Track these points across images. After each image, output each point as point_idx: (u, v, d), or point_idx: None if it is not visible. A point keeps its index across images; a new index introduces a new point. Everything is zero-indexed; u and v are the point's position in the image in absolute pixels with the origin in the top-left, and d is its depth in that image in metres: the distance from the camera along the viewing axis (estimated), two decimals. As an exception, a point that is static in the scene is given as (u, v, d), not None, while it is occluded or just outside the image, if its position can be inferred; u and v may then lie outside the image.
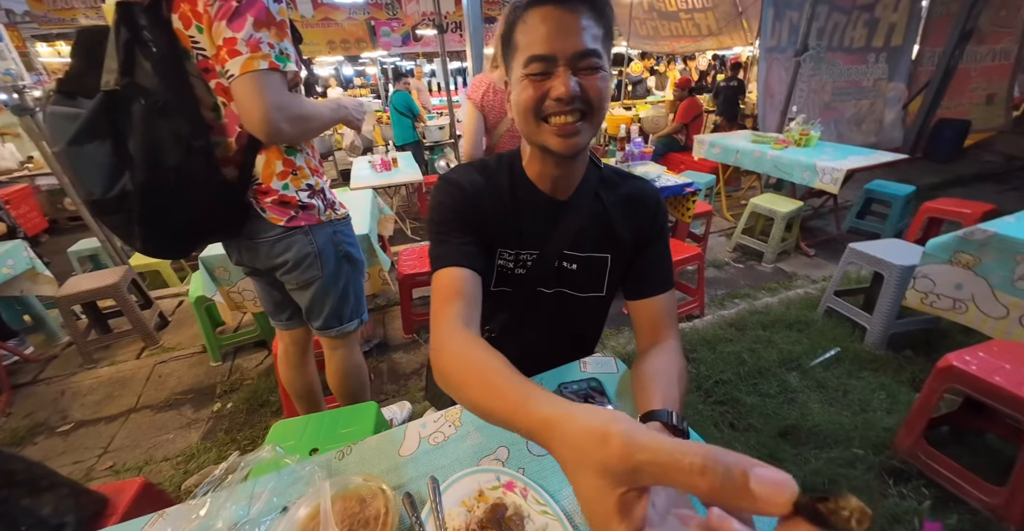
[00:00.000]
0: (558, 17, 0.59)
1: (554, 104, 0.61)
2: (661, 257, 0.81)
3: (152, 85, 0.85)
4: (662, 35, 8.36)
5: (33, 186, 4.88)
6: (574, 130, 0.63)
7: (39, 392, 2.13)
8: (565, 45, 0.59)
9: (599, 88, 0.61)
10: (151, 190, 0.89)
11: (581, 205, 0.77)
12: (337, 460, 0.70)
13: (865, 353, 1.90)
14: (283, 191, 1.05)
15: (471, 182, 0.75)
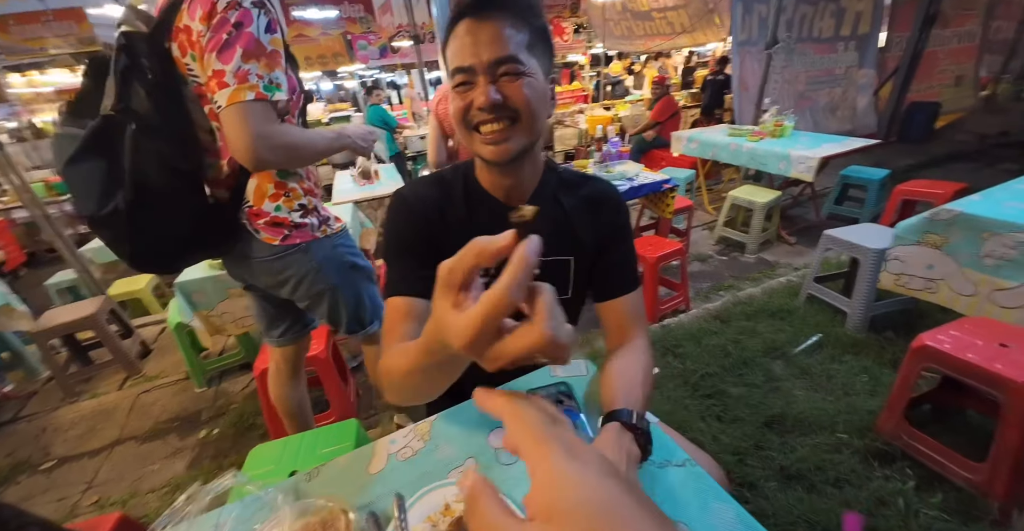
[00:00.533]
0: (474, 28, 0.60)
1: (478, 113, 0.62)
2: (625, 258, 0.82)
3: (144, 110, 0.88)
4: (636, 35, 8.47)
5: (8, 220, 4.81)
6: (503, 137, 0.64)
7: (20, 430, 2.09)
8: (482, 54, 0.60)
9: (523, 93, 0.61)
10: (137, 208, 0.91)
11: (543, 209, 0.77)
12: (305, 482, 0.69)
13: (847, 337, 1.92)
14: (275, 213, 1.08)
15: (422, 196, 0.76)
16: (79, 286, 3.02)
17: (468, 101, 0.62)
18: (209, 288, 1.91)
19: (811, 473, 1.33)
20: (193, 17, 0.88)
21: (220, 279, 1.91)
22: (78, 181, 0.93)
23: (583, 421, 0.72)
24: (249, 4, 0.88)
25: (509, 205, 0.76)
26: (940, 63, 5.58)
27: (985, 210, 1.47)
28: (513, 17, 0.61)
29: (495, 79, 0.61)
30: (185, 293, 1.88)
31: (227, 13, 0.86)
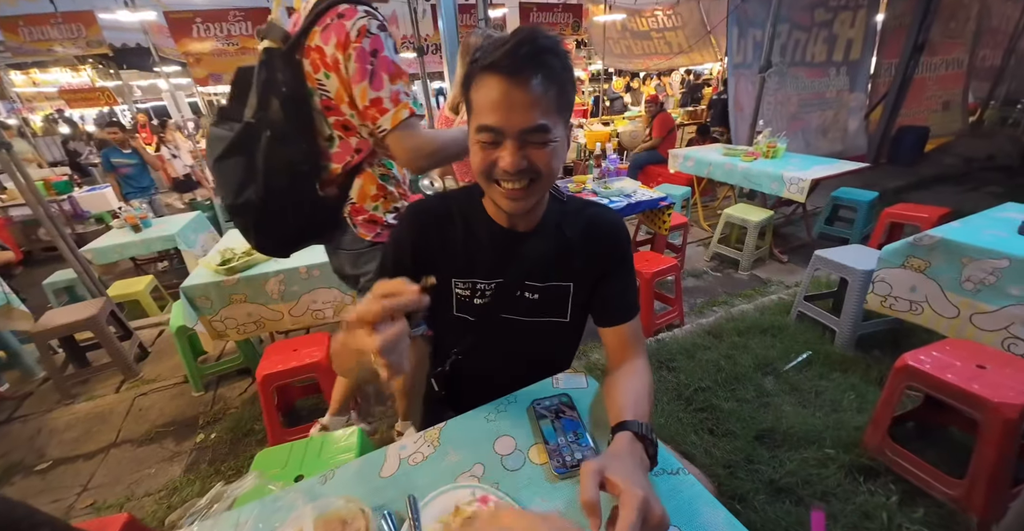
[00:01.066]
0: (507, 89, 0.60)
1: (502, 172, 0.64)
2: (626, 285, 0.85)
3: (277, 119, 1.02)
4: (635, 53, 8.68)
5: (6, 217, 4.80)
6: (522, 195, 0.68)
7: (15, 431, 2.08)
8: (514, 120, 0.61)
9: (547, 160, 0.65)
10: (265, 202, 1.07)
11: (542, 237, 0.80)
12: (320, 484, 0.73)
13: (835, 355, 1.98)
14: (373, 211, 1.20)
15: (428, 213, 0.82)
16: (76, 286, 3.03)
17: (492, 158, 0.64)
18: (213, 293, 1.93)
19: (799, 487, 1.37)
20: (327, 41, 0.99)
21: (224, 285, 1.93)
22: (223, 175, 1.09)
23: (584, 431, 0.76)
24: (376, 29, 0.99)
25: (514, 230, 0.80)
26: (929, 89, 5.78)
27: (964, 236, 1.55)
28: (546, 79, 0.61)
29: (523, 145, 0.63)
30: (189, 297, 1.90)
31: (361, 42, 0.97)
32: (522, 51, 0.59)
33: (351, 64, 0.99)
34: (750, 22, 4.83)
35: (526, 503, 0.65)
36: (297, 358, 1.73)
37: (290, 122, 1.03)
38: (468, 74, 0.66)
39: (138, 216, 3.20)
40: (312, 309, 2.11)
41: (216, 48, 6.90)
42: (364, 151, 1.13)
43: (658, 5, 7.78)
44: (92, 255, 2.94)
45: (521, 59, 0.59)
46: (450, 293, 0.85)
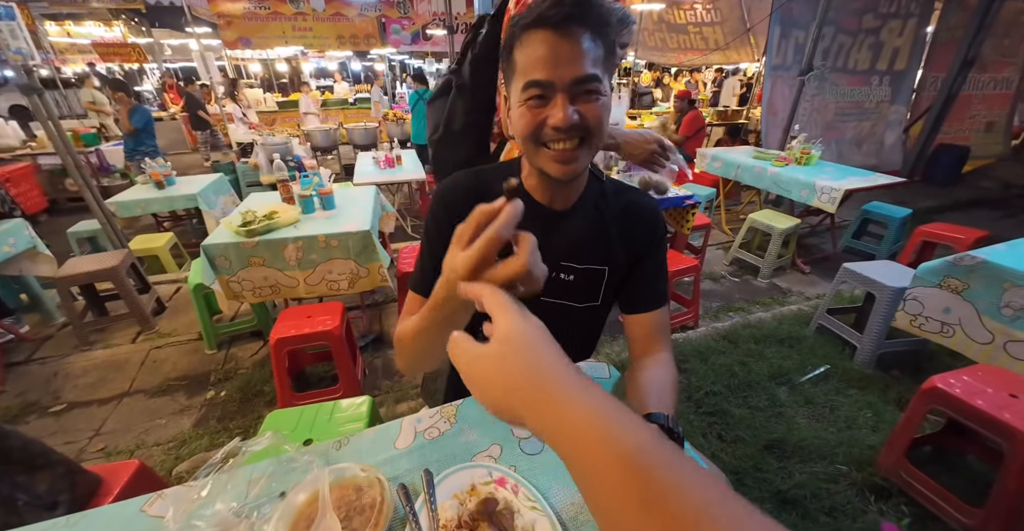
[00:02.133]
0: (555, 42, 0.58)
1: (552, 132, 0.61)
2: (657, 272, 0.82)
3: (466, 74, 1.16)
4: (670, 47, 8.45)
5: (35, 165, 4.88)
6: (573, 156, 0.64)
7: (32, 372, 2.13)
8: (563, 72, 0.58)
9: (598, 113, 0.61)
10: (441, 141, 1.25)
11: (580, 217, 0.78)
12: (334, 450, 0.72)
13: (853, 371, 1.93)
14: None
15: (458, 192, 0.78)
16: (98, 237, 3.07)
17: (542, 117, 0.61)
18: (233, 254, 1.94)
19: (807, 500, 1.34)
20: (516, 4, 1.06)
21: (243, 247, 1.94)
22: (432, 114, 1.28)
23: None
24: None
25: (552, 208, 0.77)
26: (973, 107, 5.54)
27: (1009, 261, 1.48)
28: (593, 32, 0.59)
29: (573, 98, 0.60)
30: (209, 256, 1.91)
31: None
32: (568, 2, 0.57)
33: None
34: (794, 22, 4.64)
35: (545, 489, 0.63)
36: (311, 325, 1.73)
37: (472, 78, 1.15)
38: (509, 37, 0.63)
39: (163, 173, 3.22)
40: (327, 279, 2.11)
41: (248, 11, 6.88)
42: None
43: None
44: (116, 208, 2.97)
45: (569, 9, 0.57)
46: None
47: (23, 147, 5.09)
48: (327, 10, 7.38)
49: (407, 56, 14.11)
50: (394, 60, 13.81)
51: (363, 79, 13.49)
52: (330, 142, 6.10)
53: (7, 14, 2.54)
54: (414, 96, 4.93)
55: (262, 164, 4.53)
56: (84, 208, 2.85)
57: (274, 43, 7.75)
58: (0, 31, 2.49)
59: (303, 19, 7.46)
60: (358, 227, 2.05)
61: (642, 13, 7.12)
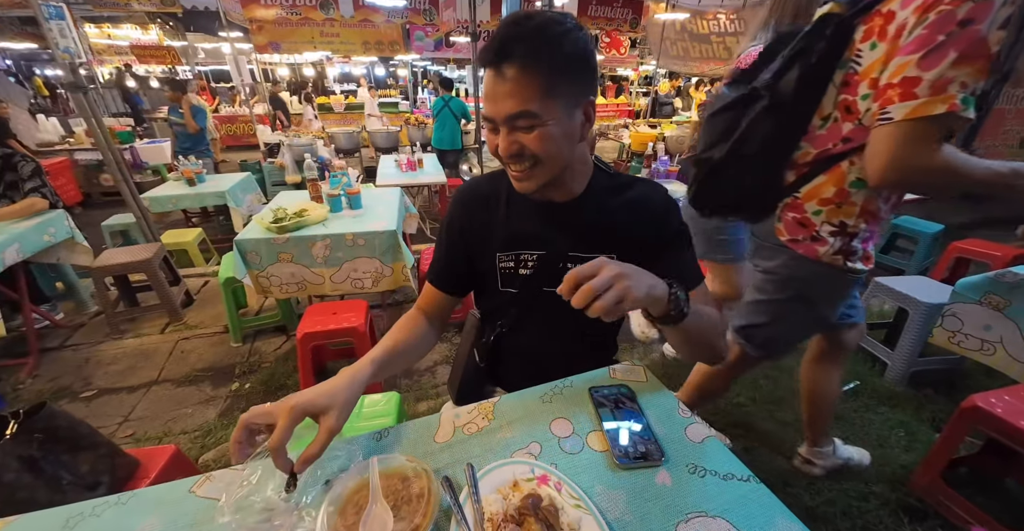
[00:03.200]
0: (493, 80, 0.64)
1: (504, 155, 0.69)
2: (681, 258, 0.82)
3: (786, 89, 0.94)
4: (692, 56, 8.41)
5: (72, 160, 5.07)
6: (525, 176, 0.71)
7: (65, 357, 2.20)
8: (499, 108, 0.65)
9: (538, 143, 0.66)
10: (723, 162, 1.05)
11: (585, 207, 0.81)
12: (374, 441, 0.73)
13: (884, 389, 1.87)
14: (811, 214, 1.02)
15: (474, 194, 0.87)
16: (131, 230, 3.17)
17: (495, 144, 0.70)
18: (263, 250, 1.98)
19: (837, 518, 1.31)
20: (907, 4, 0.80)
21: (274, 243, 1.98)
22: (707, 129, 1.10)
23: (647, 422, 0.73)
24: None
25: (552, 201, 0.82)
26: (1007, 122, 5.39)
27: (1055, 278, 1.42)
28: (528, 65, 0.61)
29: (512, 130, 0.66)
30: (242, 251, 1.96)
31: (956, 6, 0.73)
32: (494, 42, 0.62)
33: (918, 30, 0.77)
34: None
35: (587, 488, 0.62)
36: (336, 321, 1.76)
37: (797, 94, 0.93)
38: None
39: (194, 170, 3.32)
40: (352, 277, 2.14)
41: (280, 16, 7.08)
42: (853, 142, 0.92)
43: (722, 8, 7.50)
44: (149, 202, 3.07)
45: (493, 50, 0.62)
46: (494, 269, 0.86)
47: (61, 143, 5.30)
48: (355, 16, 7.54)
49: (429, 62, 14.35)
50: (416, 66, 14.06)
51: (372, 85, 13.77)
52: (353, 144, 6.21)
53: (57, 14, 2.66)
54: (439, 102, 4.99)
55: (288, 164, 4.64)
56: (117, 202, 2.95)
57: (303, 48, 7.95)
58: (51, 29, 2.60)
59: (331, 25, 7.64)
60: (384, 226, 2.08)
61: (664, 22, 7.14)
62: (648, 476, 0.65)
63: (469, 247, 0.88)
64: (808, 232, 1.03)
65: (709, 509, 0.60)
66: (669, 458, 0.67)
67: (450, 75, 10.21)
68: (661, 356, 2.19)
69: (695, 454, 0.69)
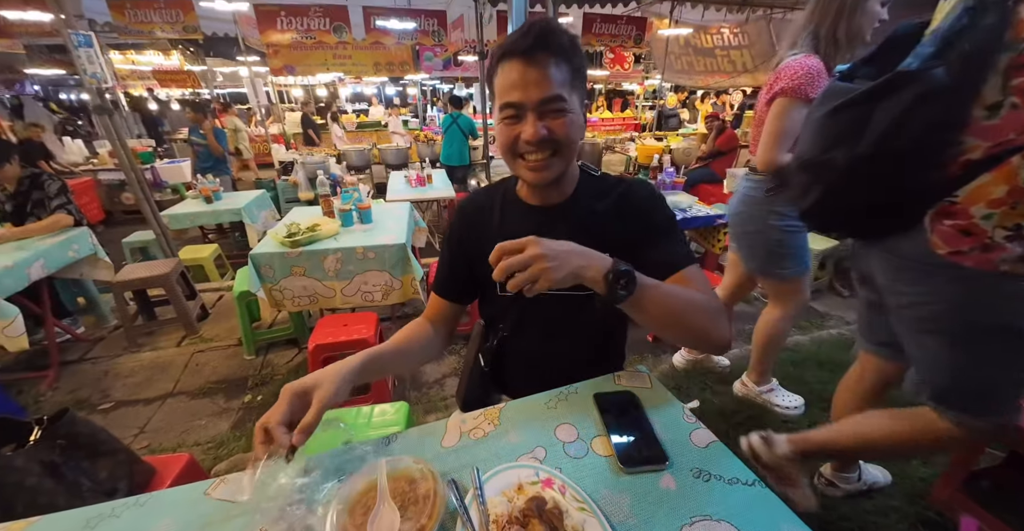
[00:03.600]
0: (524, 69, 0.67)
1: (525, 145, 0.71)
2: (670, 241, 0.82)
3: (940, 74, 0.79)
4: (697, 70, 8.52)
5: (96, 179, 5.27)
6: (545, 165, 0.73)
7: (85, 370, 2.26)
8: (531, 93, 0.68)
9: (565, 128, 0.70)
10: (853, 165, 0.87)
11: (574, 211, 0.84)
12: (384, 445, 0.74)
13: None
14: (979, 220, 0.82)
15: (473, 205, 0.92)
16: (150, 247, 3.27)
17: (516, 133, 0.71)
18: (277, 263, 2.04)
19: None
20: None
21: (287, 257, 2.03)
22: (817, 129, 0.94)
23: (651, 427, 0.74)
24: None
25: (543, 207, 0.85)
26: None
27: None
28: (557, 58, 0.68)
29: (541, 115, 0.69)
30: (256, 265, 2.01)
31: None
32: (532, 34, 0.67)
33: None
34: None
35: (591, 492, 0.63)
36: (347, 333, 1.79)
37: (958, 79, 0.78)
38: (490, 67, 0.74)
39: (211, 189, 3.43)
40: (363, 290, 2.18)
41: (295, 40, 7.34)
42: None
43: (725, 22, 7.62)
44: (168, 220, 3.17)
45: (530, 38, 0.67)
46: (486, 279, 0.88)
47: (86, 163, 5.53)
48: (367, 39, 7.80)
49: (438, 81, 14.73)
50: (426, 85, 14.42)
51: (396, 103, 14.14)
52: (364, 161, 6.36)
53: (86, 42, 2.81)
54: (448, 119, 5.12)
55: (301, 181, 4.76)
56: (138, 220, 3.05)
57: (316, 70, 8.23)
58: (79, 57, 2.74)
59: (344, 48, 7.90)
60: (394, 240, 2.12)
61: (668, 38, 7.26)
62: (652, 480, 0.65)
63: (468, 255, 0.91)
64: (978, 241, 0.83)
65: (713, 513, 0.60)
66: (674, 462, 0.68)
67: (459, 93, 10.46)
68: (671, 367, 2.17)
69: (700, 458, 0.69)
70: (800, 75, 1.30)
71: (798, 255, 1.59)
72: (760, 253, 1.63)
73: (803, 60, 1.32)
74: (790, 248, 1.57)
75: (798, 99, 1.32)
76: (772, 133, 1.40)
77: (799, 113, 1.32)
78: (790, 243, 1.56)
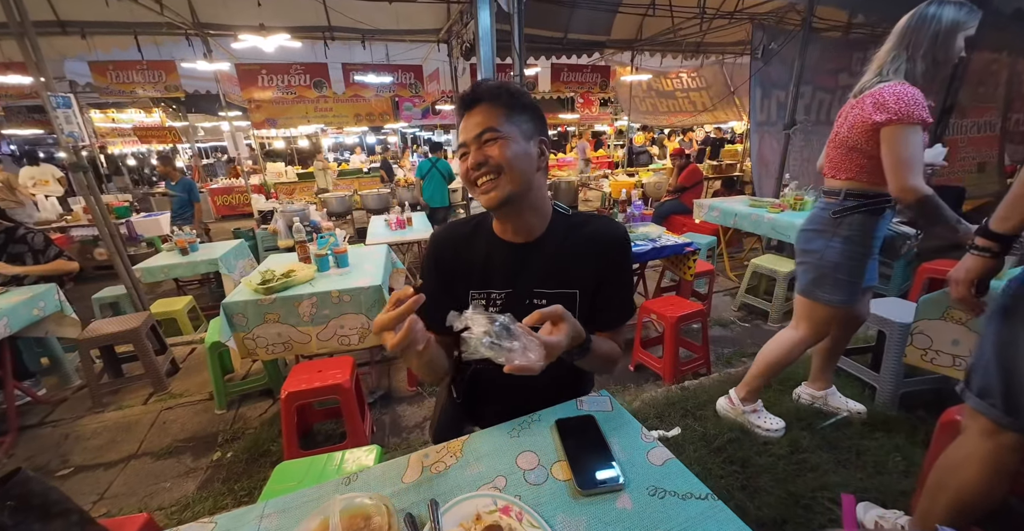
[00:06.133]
0: (468, 118, 0.84)
1: (473, 171, 0.82)
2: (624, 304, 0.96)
3: None
4: (660, 111, 9.11)
5: (68, 236, 5.21)
6: (491, 187, 0.82)
7: (44, 435, 2.14)
8: (471, 132, 0.82)
9: (500, 151, 0.80)
10: None
11: (546, 247, 0.91)
12: (344, 485, 0.73)
13: (876, 413, 1.86)
14: None
15: (452, 233, 0.97)
16: (121, 302, 3.20)
17: (467, 164, 0.84)
18: (250, 311, 2.02)
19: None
20: None
21: (260, 303, 2.02)
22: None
23: (610, 450, 0.75)
24: None
25: (515, 243, 0.91)
26: (961, 150, 5.75)
27: (1009, 290, 1.49)
28: (492, 104, 0.82)
29: (481, 146, 0.82)
30: (228, 314, 1.99)
31: None
32: (468, 94, 0.84)
33: None
34: (773, 84, 5.05)
35: (548, 517, 0.63)
36: (321, 379, 1.76)
37: None
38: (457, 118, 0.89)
39: (187, 240, 3.43)
40: (339, 334, 2.16)
41: (276, 96, 7.65)
42: None
43: (683, 68, 8.24)
44: (141, 273, 3.13)
45: (468, 97, 0.84)
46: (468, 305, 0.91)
47: (59, 220, 5.48)
48: (346, 92, 8.16)
49: (417, 129, 15.32)
50: (406, 132, 14.95)
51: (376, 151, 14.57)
52: (344, 208, 6.46)
53: (64, 103, 2.89)
54: (427, 163, 5.33)
55: (281, 229, 4.79)
56: (110, 275, 3.01)
57: (297, 122, 8.51)
58: (57, 117, 2.82)
59: (324, 101, 8.24)
60: (370, 282, 2.14)
61: (632, 83, 7.79)
62: (610, 501, 0.66)
63: (445, 280, 0.94)
64: None
65: (669, 529, 0.61)
66: (630, 482, 0.69)
67: (438, 139, 10.88)
68: (652, 396, 2.17)
69: (656, 477, 0.70)
70: (906, 101, 1.32)
71: (846, 286, 1.55)
72: (811, 272, 1.61)
73: (900, 87, 1.35)
74: (843, 275, 1.54)
75: (913, 123, 1.33)
76: (901, 162, 1.37)
77: (917, 136, 1.35)
78: (846, 269, 1.54)
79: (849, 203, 1.53)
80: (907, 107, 1.33)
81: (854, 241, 1.52)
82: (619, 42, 6.61)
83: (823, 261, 1.57)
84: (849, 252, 1.53)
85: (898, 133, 1.36)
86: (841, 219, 1.54)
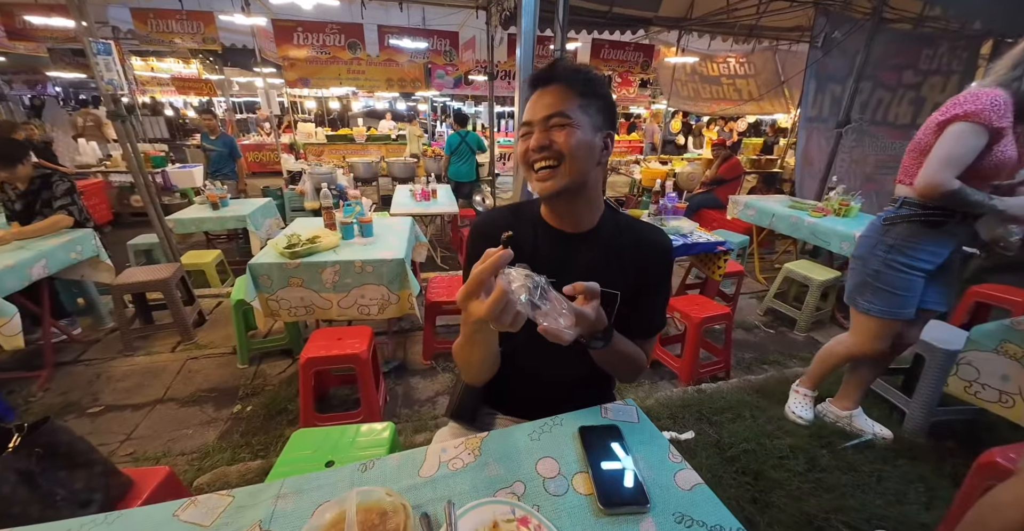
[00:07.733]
0: (537, 95, 0.81)
1: (533, 154, 0.79)
2: (657, 305, 0.92)
3: None
4: (703, 97, 8.65)
5: (106, 181, 5.36)
6: (549, 175, 0.79)
7: (77, 372, 2.25)
8: (538, 113, 0.79)
9: (565, 139, 0.77)
10: None
11: (595, 242, 0.88)
12: (359, 472, 0.73)
13: (903, 439, 1.79)
14: None
15: (493, 225, 0.93)
16: (154, 250, 3.30)
17: (527, 145, 0.81)
18: (275, 274, 2.04)
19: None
20: None
21: (285, 267, 2.04)
22: None
23: (635, 466, 0.72)
24: None
25: (564, 232, 0.88)
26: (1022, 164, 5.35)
27: (1076, 328, 1.38)
28: (568, 88, 0.78)
29: (546, 129, 0.78)
30: (254, 274, 2.02)
31: None
32: (545, 70, 0.81)
33: None
34: (829, 77, 4.70)
35: (567, 528, 0.61)
36: (339, 347, 1.77)
37: None
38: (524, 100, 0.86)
39: (219, 195, 3.47)
40: (360, 303, 2.17)
41: (310, 55, 7.57)
42: None
43: (732, 52, 7.76)
44: (173, 224, 3.20)
45: (544, 74, 0.81)
46: None
47: (98, 165, 5.62)
48: (380, 56, 8.00)
49: (448, 98, 15.03)
50: (436, 101, 14.70)
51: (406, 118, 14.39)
52: (371, 174, 6.44)
53: (105, 50, 2.89)
54: (456, 138, 5.21)
55: (308, 191, 4.82)
56: (145, 223, 3.08)
57: (330, 83, 8.40)
58: (98, 64, 2.82)
59: (358, 63, 8.10)
60: (393, 255, 2.12)
61: (675, 66, 7.39)
62: (632, 523, 0.63)
63: None
64: None
65: (693, 562, 0.58)
66: (655, 505, 0.66)
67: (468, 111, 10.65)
68: (666, 396, 2.13)
69: (683, 502, 0.67)
70: (986, 101, 1.23)
71: (888, 295, 1.50)
72: (855, 278, 1.61)
73: (990, 90, 1.26)
74: (882, 284, 1.51)
75: (980, 124, 1.24)
76: (944, 156, 1.29)
77: (977, 139, 1.26)
78: (885, 279, 1.50)
79: (903, 211, 1.47)
80: (980, 106, 1.23)
81: (898, 250, 1.47)
82: (667, 20, 6.20)
83: (866, 267, 1.56)
84: (891, 261, 1.48)
85: (958, 128, 1.27)
86: (890, 227, 1.48)
